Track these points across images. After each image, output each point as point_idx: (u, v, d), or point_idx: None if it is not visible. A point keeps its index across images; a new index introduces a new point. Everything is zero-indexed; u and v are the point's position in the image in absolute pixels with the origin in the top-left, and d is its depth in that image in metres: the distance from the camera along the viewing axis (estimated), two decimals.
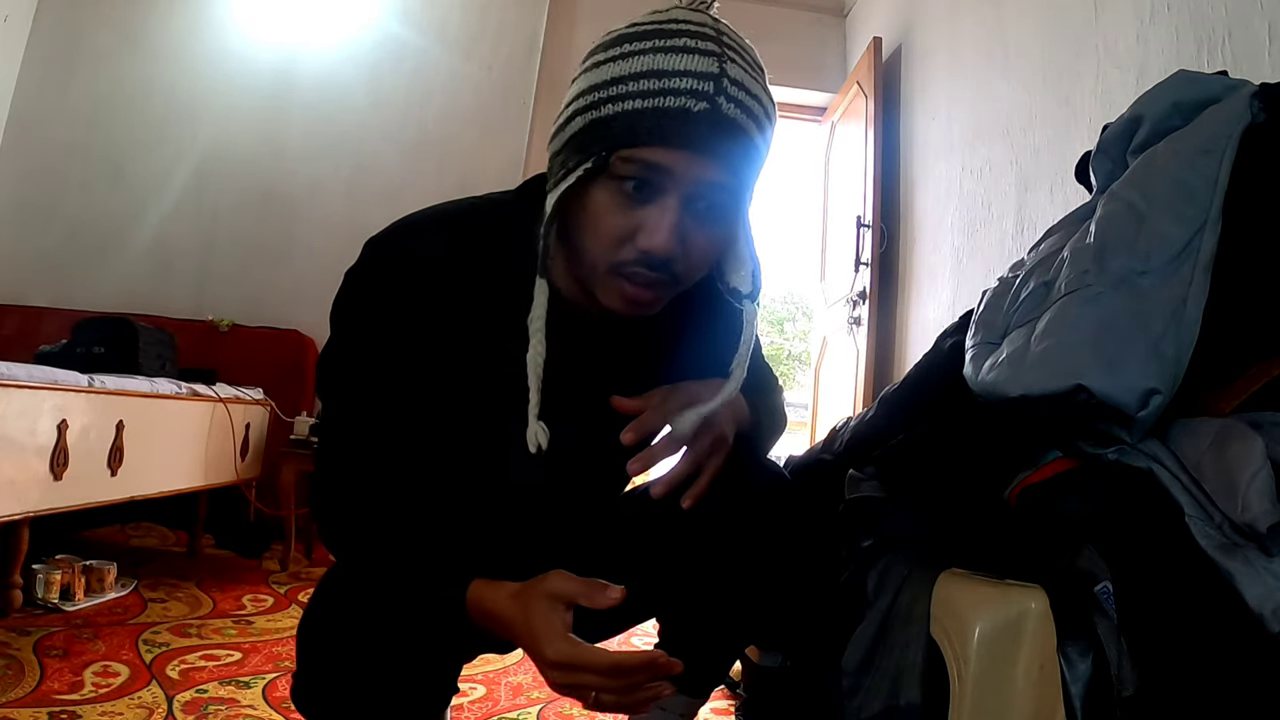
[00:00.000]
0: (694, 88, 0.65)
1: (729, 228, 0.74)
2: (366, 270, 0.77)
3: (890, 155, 3.28)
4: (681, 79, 0.65)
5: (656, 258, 0.68)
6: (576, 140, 0.69)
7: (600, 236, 0.70)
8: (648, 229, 0.68)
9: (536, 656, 0.70)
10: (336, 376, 0.80)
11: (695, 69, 0.65)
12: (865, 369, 3.12)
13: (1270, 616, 0.71)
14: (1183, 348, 0.89)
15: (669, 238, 0.68)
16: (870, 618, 1.04)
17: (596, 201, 0.69)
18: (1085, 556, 0.82)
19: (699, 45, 0.66)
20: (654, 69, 0.66)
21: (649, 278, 0.70)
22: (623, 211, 0.69)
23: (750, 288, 0.78)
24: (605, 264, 0.71)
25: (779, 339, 17.12)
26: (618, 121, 0.66)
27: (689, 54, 0.66)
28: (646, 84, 0.65)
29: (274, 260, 3.51)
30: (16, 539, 1.84)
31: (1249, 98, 1.02)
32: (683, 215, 0.68)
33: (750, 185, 0.72)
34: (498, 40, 3.75)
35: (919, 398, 1.29)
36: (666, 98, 0.65)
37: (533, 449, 0.73)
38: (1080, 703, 0.79)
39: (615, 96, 0.66)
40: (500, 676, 1.79)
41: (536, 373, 0.73)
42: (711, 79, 0.65)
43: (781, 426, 0.97)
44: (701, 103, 0.65)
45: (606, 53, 0.69)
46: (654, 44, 0.67)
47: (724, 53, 0.67)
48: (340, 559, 0.83)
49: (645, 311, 0.74)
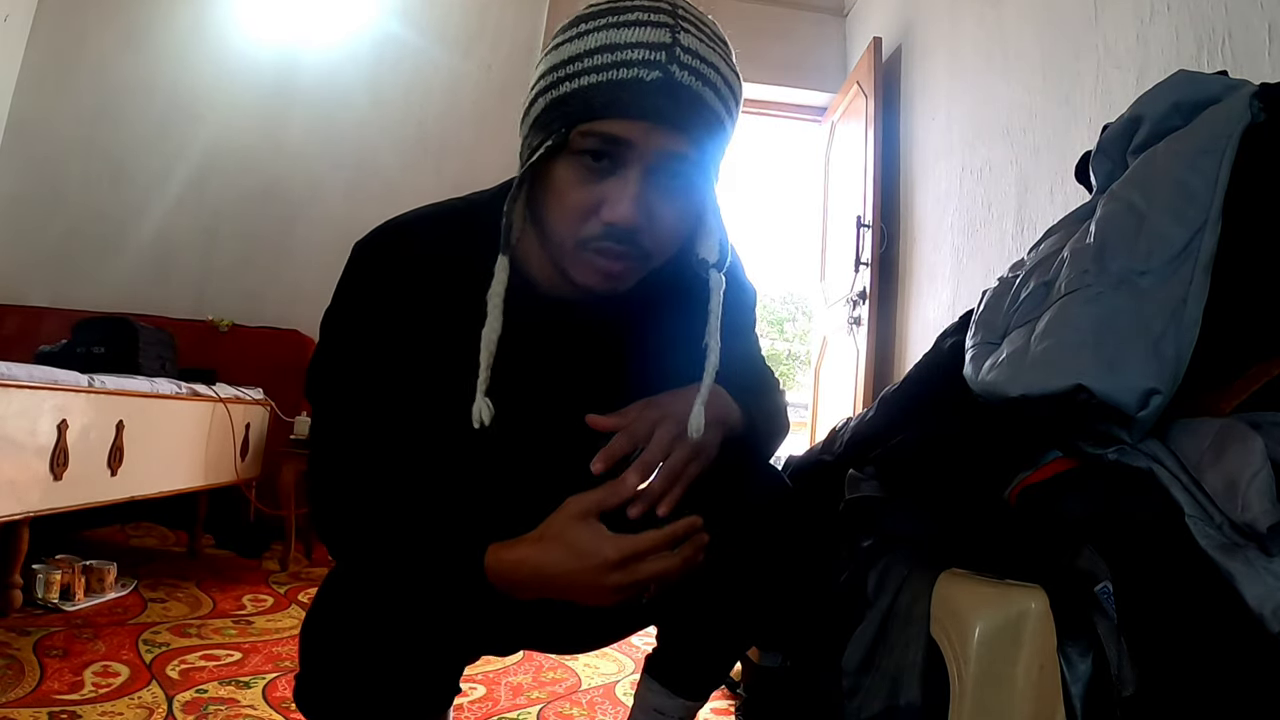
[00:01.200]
0: (646, 58, 0.66)
1: (696, 201, 0.74)
2: (352, 273, 0.79)
3: (890, 155, 3.28)
4: (634, 50, 0.66)
5: (621, 229, 0.69)
6: (539, 120, 0.71)
7: (565, 212, 0.71)
8: (610, 201, 0.69)
9: (593, 568, 0.71)
10: (327, 379, 0.81)
11: (647, 40, 0.66)
12: (865, 369, 3.12)
13: (1270, 616, 0.71)
14: (1183, 348, 0.89)
15: (631, 208, 0.68)
16: (870, 618, 1.03)
17: (559, 178, 0.70)
18: (1085, 556, 0.82)
19: (651, 18, 0.67)
20: (607, 43, 0.67)
21: (617, 250, 0.71)
22: (585, 186, 0.70)
23: (717, 257, 0.78)
24: (572, 240, 0.71)
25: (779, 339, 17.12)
26: (574, 97, 0.67)
27: (641, 26, 0.67)
28: (600, 58, 0.66)
29: (274, 260, 3.52)
30: (16, 539, 1.84)
31: (1249, 98, 1.02)
32: (645, 187, 0.69)
33: (715, 157, 0.72)
34: (497, 40, 3.75)
35: (919, 398, 1.29)
36: (619, 70, 0.66)
37: (475, 424, 0.73)
38: (1080, 703, 0.79)
39: (571, 74, 0.68)
40: (500, 676, 1.79)
41: (489, 348, 0.73)
42: (664, 48, 0.66)
43: (783, 428, 0.96)
44: (654, 71, 0.65)
45: (564, 34, 0.71)
46: (608, 20, 0.68)
47: (678, 24, 0.67)
48: (343, 559, 0.83)
49: (618, 285, 0.74)
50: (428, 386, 0.79)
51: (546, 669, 1.88)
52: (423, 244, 0.79)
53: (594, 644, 1.04)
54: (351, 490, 0.79)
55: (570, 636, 1.01)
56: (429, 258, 0.79)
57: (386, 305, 0.77)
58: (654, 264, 0.75)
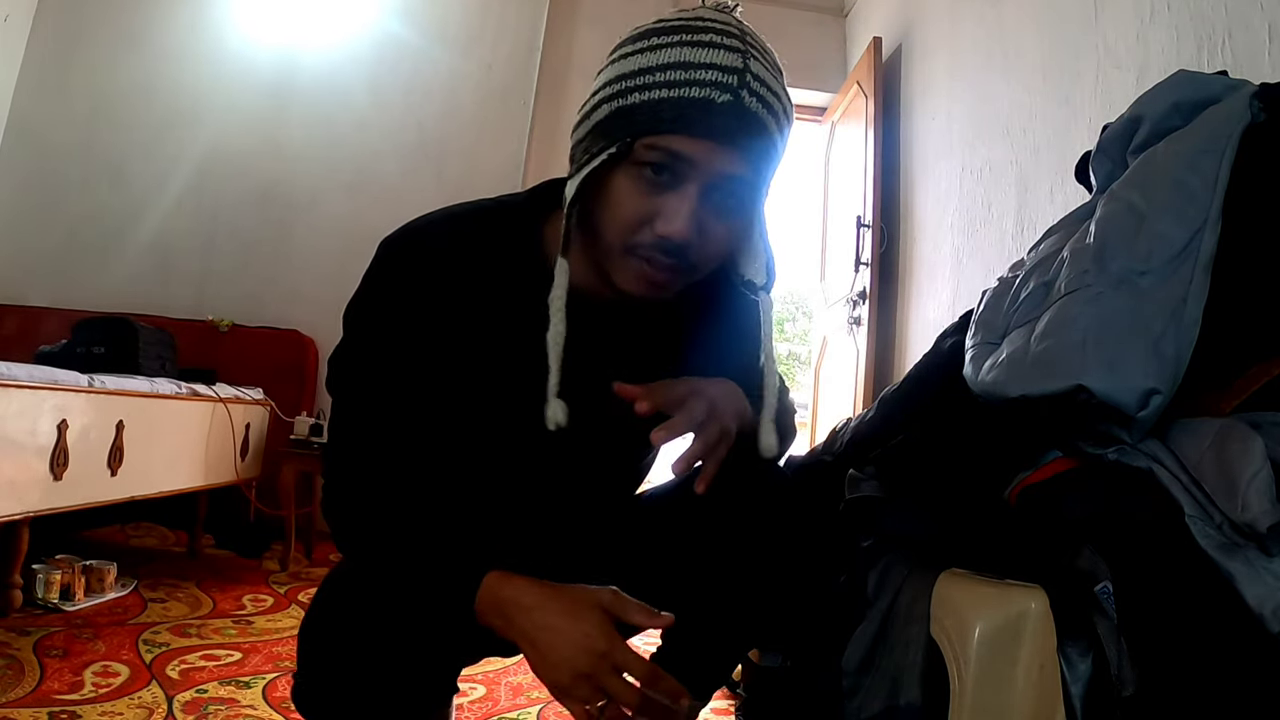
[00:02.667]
0: (718, 79, 0.67)
1: (745, 221, 0.76)
2: (382, 267, 0.79)
3: (890, 155, 3.28)
4: (706, 71, 0.67)
5: (673, 243, 0.70)
6: (601, 127, 0.71)
7: (619, 220, 0.71)
8: (666, 214, 0.69)
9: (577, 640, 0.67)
10: (352, 372, 0.80)
11: (720, 62, 0.67)
12: (865, 369, 3.12)
13: (1270, 616, 0.71)
14: (1183, 348, 0.89)
15: (687, 224, 0.69)
16: (870, 618, 1.03)
17: (618, 186, 0.71)
18: (1085, 556, 0.82)
19: (724, 41, 0.68)
20: (680, 60, 0.68)
21: (665, 263, 0.72)
22: (643, 197, 0.70)
23: (765, 279, 0.80)
24: (621, 244, 0.72)
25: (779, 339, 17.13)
26: (643, 109, 0.68)
27: (714, 48, 0.68)
28: (672, 74, 0.67)
29: (274, 260, 3.52)
30: (16, 539, 1.84)
31: (1249, 98, 1.02)
32: (701, 204, 0.70)
33: (767, 181, 0.73)
34: (497, 40, 3.75)
35: (919, 398, 1.29)
36: (691, 88, 0.67)
37: (551, 427, 0.73)
38: (1080, 703, 0.79)
39: (641, 86, 0.68)
40: (500, 676, 1.79)
41: (557, 351, 0.74)
42: (736, 73, 0.67)
43: (791, 429, 0.96)
44: (725, 94, 0.67)
45: (634, 45, 0.71)
46: (680, 38, 0.69)
47: (748, 50, 0.69)
48: (353, 555, 0.82)
49: (660, 295, 0.75)
50: (454, 383, 0.79)
51: None
52: (451, 243, 0.79)
53: None
54: (368, 485, 0.79)
55: None
56: (457, 256, 0.79)
57: (415, 301, 0.77)
58: (697, 277, 0.76)
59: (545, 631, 0.68)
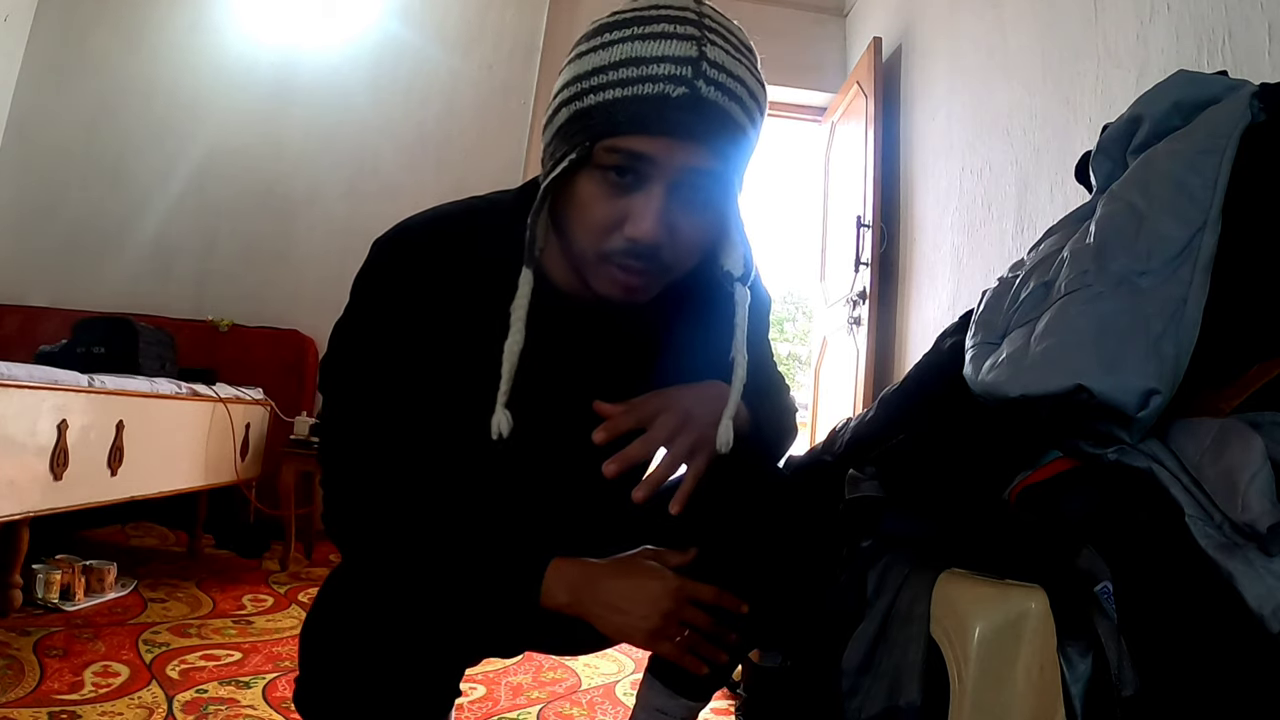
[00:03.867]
0: (671, 73, 0.65)
1: (718, 214, 0.74)
2: (373, 270, 0.79)
3: (890, 155, 3.28)
4: (659, 64, 0.65)
5: (644, 246, 0.69)
6: (562, 131, 0.70)
7: (588, 226, 0.71)
8: (634, 217, 0.68)
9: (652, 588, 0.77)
10: (343, 374, 0.80)
11: (673, 54, 0.65)
12: (865, 369, 3.12)
13: (1270, 616, 0.71)
14: (1183, 348, 0.88)
15: (654, 226, 0.68)
16: (870, 618, 1.03)
17: (583, 191, 0.70)
18: (1085, 556, 0.82)
19: (677, 30, 0.66)
20: (632, 56, 0.66)
21: (638, 266, 0.71)
22: (609, 200, 0.69)
23: (741, 270, 0.78)
24: (594, 252, 0.72)
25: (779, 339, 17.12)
26: (598, 111, 0.67)
27: (667, 39, 0.66)
28: (625, 72, 0.66)
29: (274, 260, 3.52)
30: (16, 539, 1.84)
31: (1249, 98, 1.02)
32: (669, 202, 0.68)
33: (739, 170, 0.71)
34: (497, 40, 3.75)
35: (919, 398, 1.29)
36: (644, 85, 0.65)
37: (494, 436, 0.73)
38: (1080, 703, 0.79)
39: (596, 86, 0.67)
40: (500, 676, 1.79)
41: (511, 361, 0.74)
42: (690, 63, 0.65)
43: (790, 430, 0.95)
44: (680, 88, 0.65)
45: (589, 43, 0.70)
46: (633, 31, 0.67)
47: (704, 36, 0.66)
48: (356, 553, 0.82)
49: (638, 298, 0.74)
50: (446, 385, 0.79)
51: (546, 669, 1.88)
52: (443, 242, 0.79)
53: (596, 645, 1.04)
54: (371, 487, 0.79)
55: (574, 638, 1.01)
56: (449, 256, 0.78)
57: (406, 302, 0.77)
58: (674, 276, 0.75)
59: (627, 592, 0.77)
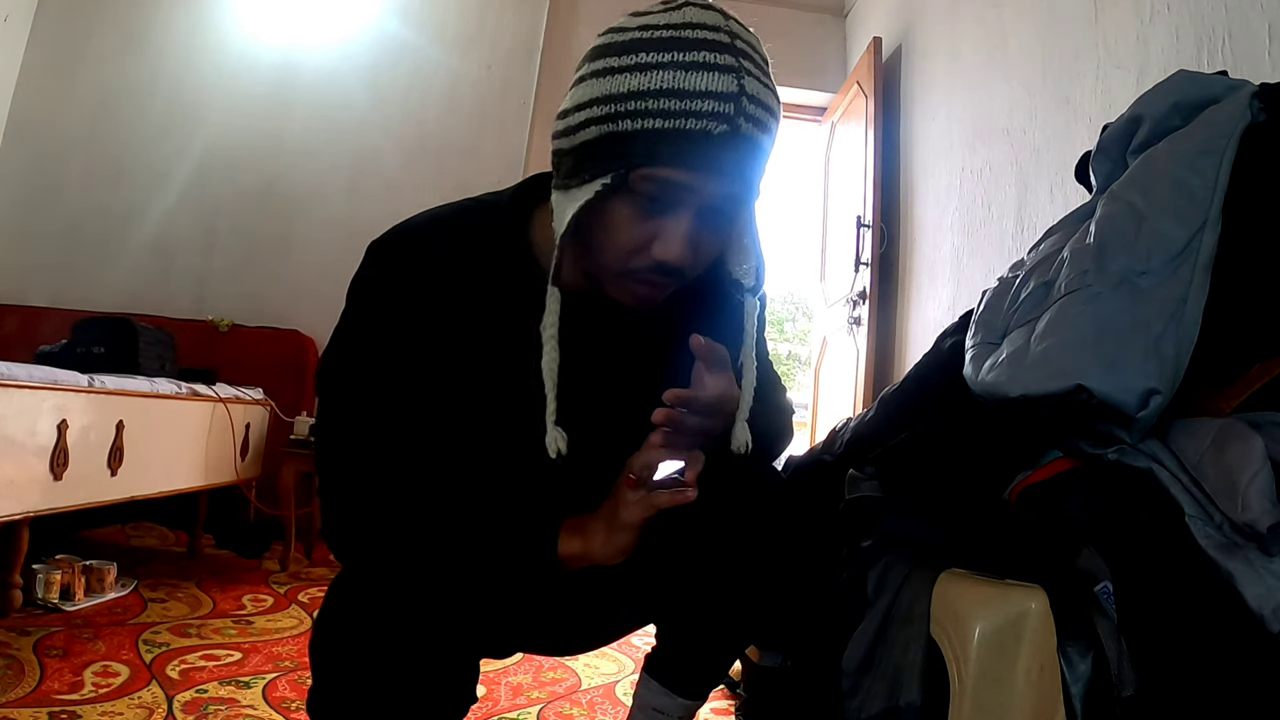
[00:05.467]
0: (714, 109, 0.65)
1: (737, 226, 0.76)
2: (369, 274, 0.79)
3: (890, 155, 3.28)
4: (703, 100, 0.65)
5: (670, 266, 0.70)
6: (591, 150, 0.69)
7: (615, 246, 0.72)
8: (663, 239, 0.70)
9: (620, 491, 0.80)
10: (342, 379, 0.80)
11: (715, 89, 0.65)
12: (865, 369, 3.12)
13: (1270, 616, 0.71)
14: (1183, 348, 0.88)
15: (684, 249, 0.70)
16: (870, 618, 1.03)
17: (613, 214, 0.70)
18: (1085, 556, 0.82)
19: (718, 60, 0.66)
20: (674, 88, 0.65)
21: (660, 282, 0.73)
22: (638, 223, 0.70)
23: (753, 282, 0.80)
24: (617, 268, 0.73)
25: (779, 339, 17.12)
26: (638, 140, 0.66)
27: (709, 71, 0.66)
28: (667, 103, 0.65)
29: (274, 260, 3.52)
30: (16, 539, 1.84)
31: (1249, 98, 1.02)
32: (696, 225, 0.70)
33: (758, 185, 0.73)
34: (497, 39, 3.75)
35: (919, 398, 1.29)
36: (688, 120, 0.65)
37: (552, 454, 0.74)
38: (1080, 703, 0.79)
39: (634, 113, 0.66)
40: (500, 677, 1.79)
41: (551, 379, 0.74)
42: (731, 99, 0.66)
43: (788, 430, 0.95)
44: (722, 125, 0.66)
45: (621, 59, 0.68)
46: (673, 57, 0.66)
47: (740, 65, 0.67)
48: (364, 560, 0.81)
49: (650, 305, 0.76)
50: (446, 388, 0.79)
51: (546, 669, 1.88)
52: (437, 245, 0.79)
53: (590, 645, 1.04)
54: (371, 492, 0.79)
55: (568, 638, 1.01)
56: (444, 258, 0.79)
57: (402, 306, 0.77)
58: (686, 282, 0.76)
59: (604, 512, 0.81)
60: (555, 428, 0.74)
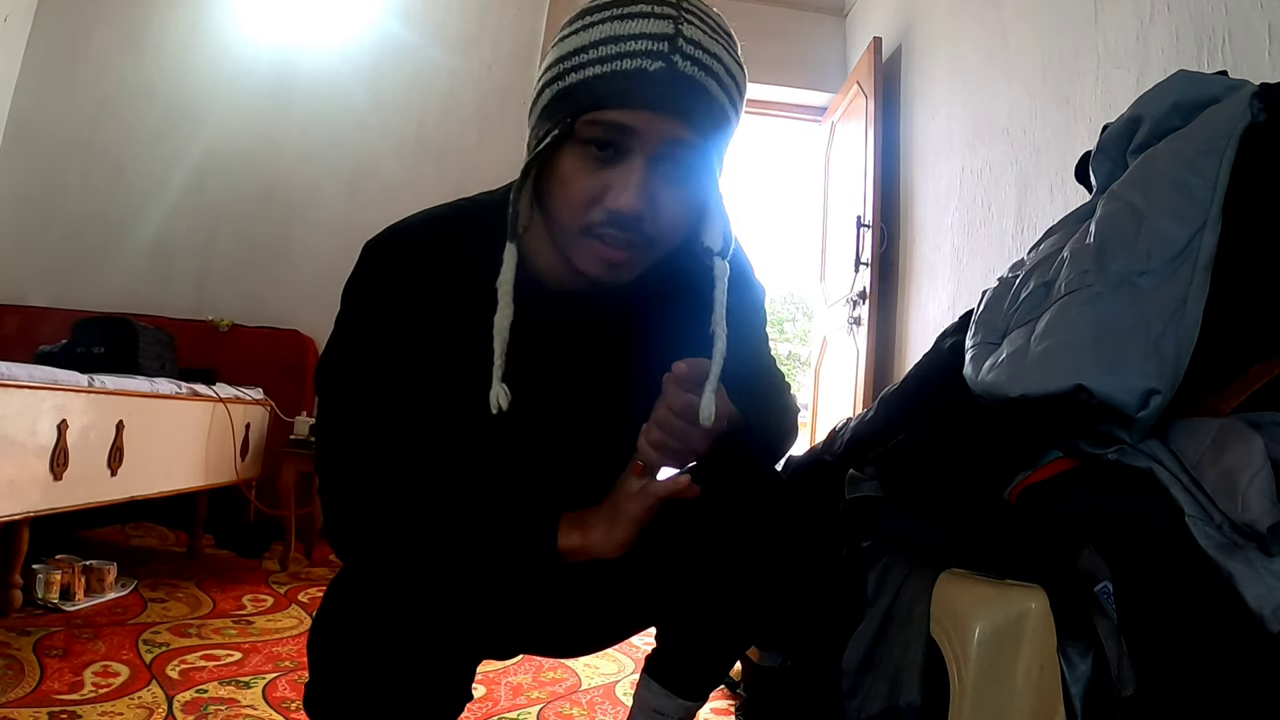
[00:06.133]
0: (648, 48, 0.67)
1: (699, 189, 0.74)
2: (364, 272, 0.79)
3: (890, 155, 3.28)
4: (636, 41, 0.68)
5: (625, 216, 0.70)
6: (546, 111, 0.72)
7: (570, 199, 0.72)
8: (615, 188, 0.70)
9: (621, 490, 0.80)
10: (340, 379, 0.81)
11: (650, 31, 0.68)
12: (865, 369, 3.12)
13: (1270, 616, 0.71)
14: (1183, 348, 0.88)
15: (636, 196, 0.69)
16: (870, 618, 1.03)
17: (565, 165, 0.72)
18: (1085, 556, 0.82)
19: (654, 9, 0.69)
20: (611, 35, 0.68)
21: (621, 238, 0.72)
22: (591, 174, 0.71)
23: (721, 245, 0.78)
24: (576, 226, 0.73)
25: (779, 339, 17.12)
26: (580, 88, 0.69)
27: (644, 18, 0.68)
28: (605, 49, 0.68)
29: (274, 260, 3.52)
30: (16, 539, 1.84)
31: (1249, 98, 1.02)
32: (649, 174, 0.70)
33: (718, 146, 0.73)
34: (497, 40, 3.75)
35: (919, 398, 1.29)
36: (623, 60, 0.67)
37: (494, 410, 0.74)
38: (1080, 703, 0.79)
39: (577, 65, 0.69)
40: (500, 677, 1.79)
41: (502, 335, 0.74)
42: (666, 39, 0.68)
43: (790, 430, 0.95)
44: (657, 62, 0.67)
45: (571, 26, 0.72)
46: (612, 12, 0.69)
47: (681, 15, 0.69)
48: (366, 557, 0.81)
49: (622, 275, 0.75)
50: (441, 383, 0.80)
51: (546, 669, 1.88)
52: (432, 244, 0.80)
53: (591, 646, 1.04)
54: (371, 490, 0.79)
55: (569, 639, 1.01)
56: (439, 257, 0.79)
57: (397, 305, 0.78)
58: (657, 253, 0.75)
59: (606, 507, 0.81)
60: (500, 384, 0.74)
